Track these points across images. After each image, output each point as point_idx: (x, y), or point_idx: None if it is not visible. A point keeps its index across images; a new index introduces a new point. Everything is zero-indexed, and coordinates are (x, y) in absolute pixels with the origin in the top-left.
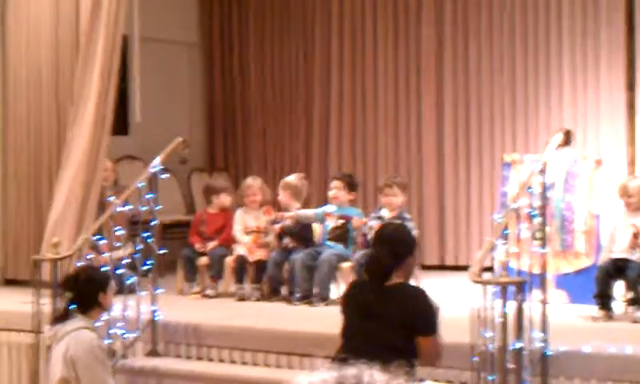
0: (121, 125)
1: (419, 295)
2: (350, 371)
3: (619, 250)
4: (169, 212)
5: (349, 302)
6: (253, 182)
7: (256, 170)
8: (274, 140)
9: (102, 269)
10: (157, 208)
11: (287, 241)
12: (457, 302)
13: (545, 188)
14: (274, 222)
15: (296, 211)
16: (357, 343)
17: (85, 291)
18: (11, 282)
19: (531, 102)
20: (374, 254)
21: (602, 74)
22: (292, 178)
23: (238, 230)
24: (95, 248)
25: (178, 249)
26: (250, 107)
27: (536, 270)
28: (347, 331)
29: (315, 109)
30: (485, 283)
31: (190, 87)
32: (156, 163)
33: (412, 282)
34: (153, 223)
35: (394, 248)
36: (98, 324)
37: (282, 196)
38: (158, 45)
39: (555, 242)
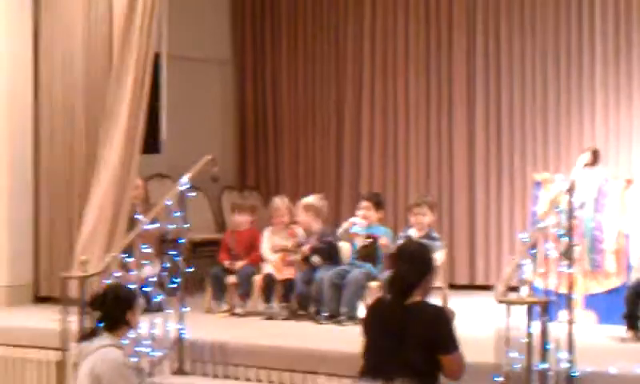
0: (151, 143)
1: (440, 314)
2: None
3: None
4: (199, 230)
5: (371, 321)
6: (280, 203)
7: (287, 189)
8: (306, 158)
9: (129, 287)
10: (185, 226)
11: (315, 259)
12: (483, 322)
13: (572, 207)
14: (301, 244)
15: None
16: (378, 362)
17: (112, 309)
18: (43, 300)
19: (563, 121)
20: (397, 271)
21: (635, 93)
22: (312, 199)
23: (265, 249)
24: (123, 266)
25: (208, 267)
26: (282, 125)
27: (563, 290)
28: (369, 350)
29: (346, 128)
30: (509, 303)
31: (221, 104)
32: (184, 181)
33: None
34: (180, 241)
35: (416, 265)
36: (124, 342)
37: (304, 217)
38: (189, 62)
39: (585, 261)
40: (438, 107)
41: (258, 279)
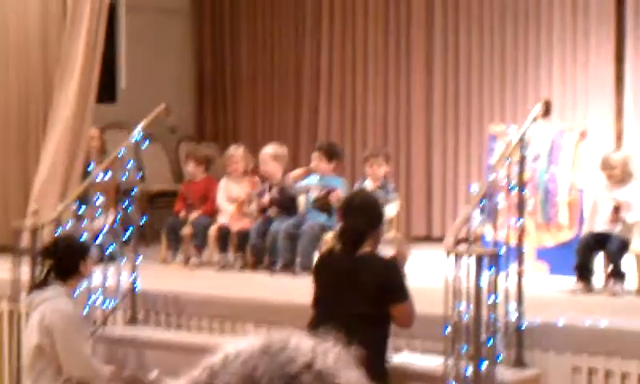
0: (108, 92)
1: (390, 264)
2: (277, 335)
3: (600, 223)
4: (156, 181)
5: (321, 272)
6: (235, 151)
7: (246, 139)
8: (264, 109)
9: (82, 237)
10: (138, 177)
11: (272, 212)
12: (435, 274)
13: (523, 159)
14: (260, 194)
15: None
16: (327, 313)
17: (64, 259)
18: None
19: (520, 75)
20: (346, 223)
21: (592, 47)
22: (275, 149)
23: (221, 199)
24: (77, 216)
25: (166, 218)
26: (240, 75)
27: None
28: (319, 301)
29: (305, 77)
30: (458, 254)
31: (179, 54)
32: (137, 131)
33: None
34: (133, 192)
35: (364, 216)
36: (77, 292)
37: (272, 166)
38: (146, 12)
39: (538, 214)
40: (396, 60)
41: (213, 230)
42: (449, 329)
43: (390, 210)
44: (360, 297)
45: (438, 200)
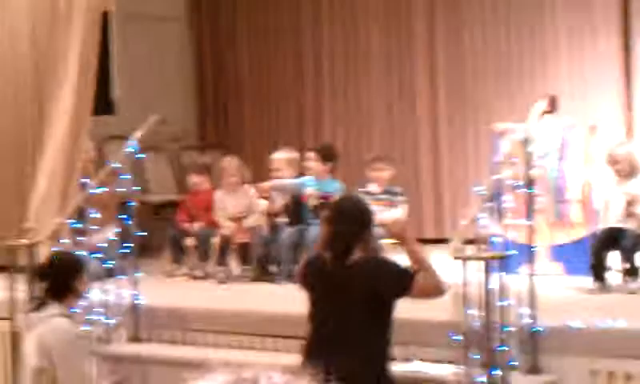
0: (104, 104)
1: (379, 260)
2: (247, 373)
3: (614, 218)
4: (159, 192)
5: (312, 283)
6: (229, 163)
7: (249, 146)
8: (268, 114)
9: (77, 254)
10: (135, 189)
11: (281, 220)
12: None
13: (529, 157)
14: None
15: (273, 181)
16: (324, 328)
17: (58, 278)
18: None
19: (527, 69)
20: (333, 231)
21: (600, 39)
22: (288, 153)
23: (219, 214)
24: (73, 232)
25: (169, 229)
26: (242, 81)
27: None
28: (314, 315)
29: (307, 82)
30: (466, 259)
31: (178, 62)
32: (132, 142)
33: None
34: (131, 204)
35: (351, 223)
36: (76, 310)
37: (286, 171)
38: (143, 20)
39: (550, 211)
40: (400, 58)
41: (216, 241)
42: (459, 336)
43: (398, 213)
44: (356, 306)
45: (448, 201)
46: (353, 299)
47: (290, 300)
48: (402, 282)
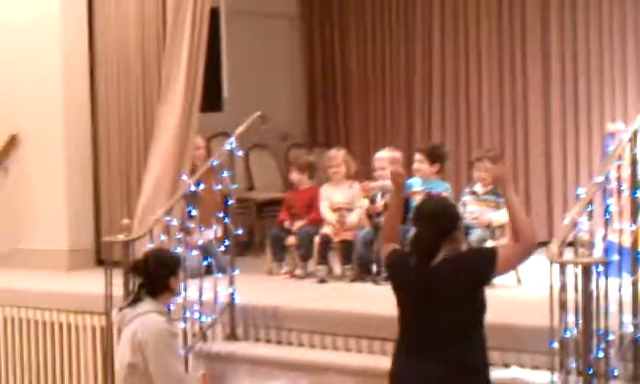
0: (213, 101)
1: (460, 254)
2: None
3: None
4: (266, 190)
5: (399, 286)
6: (336, 153)
7: (357, 144)
8: (376, 114)
9: (173, 252)
10: (233, 187)
11: (380, 219)
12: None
13: (635, 159)
14: (373, 200)
15: (383, 181)
16: (415, 332)
17: (153, 275)
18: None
19: None
20: (418, 232)
21: None
22: (392, 153)
23: (324, 207)
24: (185, 231)
25: (272, 228)
26: (351, 79)
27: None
28: (403, 319)
29: (417, 80)
30: (564, 263)
31: (289, 61)
32: (232, 140)
33: None
34: (229, 202)
35: (437, 224)
36: (171, 307)
37: (389, 171)
38: (253, 17)
39: None
40: (511, 57)
41: (317, 240)
42: (555, 343)
43: (502, 215)
44: (444, 308)
45: (559, 203)
46: (440, 302)
47: (389, 301)
48: (487, 264)
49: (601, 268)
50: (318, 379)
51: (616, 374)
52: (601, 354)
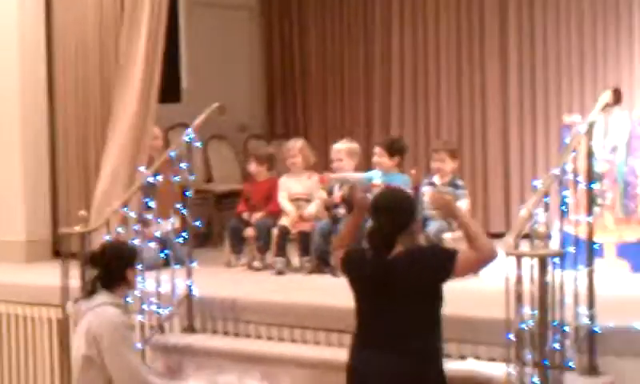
0: (172, 92)
1: (419, 249)
2: (223, 379)
3: None
4: (225, 181)
5: (355, 278)
6: (294, 144)
7: (316, 136)
8: (334, 108)
9: (130, 244)
10: (192, 178)
11: (340, 211)
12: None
13: (590, 152)
14: (330, 193)
15: (343, 173)
16: (371, 325)
17: (110, 266)
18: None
19: (599, 61)
20: (374, 224)
21: None
22: (349, 144)
23: (283, 197)
24: (143, 222)
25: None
26: (309, 71)
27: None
28: (360, 312)
29: (376, 73)
30: (520, 255)
31: (248, 53)
32: (190, 131)
33: None
34: (187, 194)
35: (394, 216)
36: (130, 299)
37: (346, 162)
38: (212, 8)
39: (617, 208)
40: (470, 50)
41: (276, 231)
42: (511, 335)
43: (461, 206)
44: (401, 301)
45: (516, 195)
46: (396, 295)
47: (347, 293)
48: (444, 266)
49: (557, 260)
50: (270, 371)
51: (571, 365)
52: (557, 346)
